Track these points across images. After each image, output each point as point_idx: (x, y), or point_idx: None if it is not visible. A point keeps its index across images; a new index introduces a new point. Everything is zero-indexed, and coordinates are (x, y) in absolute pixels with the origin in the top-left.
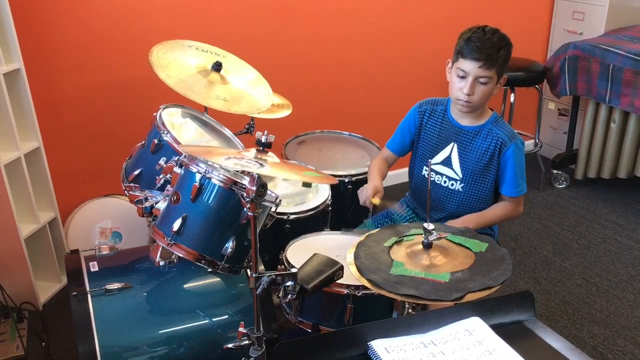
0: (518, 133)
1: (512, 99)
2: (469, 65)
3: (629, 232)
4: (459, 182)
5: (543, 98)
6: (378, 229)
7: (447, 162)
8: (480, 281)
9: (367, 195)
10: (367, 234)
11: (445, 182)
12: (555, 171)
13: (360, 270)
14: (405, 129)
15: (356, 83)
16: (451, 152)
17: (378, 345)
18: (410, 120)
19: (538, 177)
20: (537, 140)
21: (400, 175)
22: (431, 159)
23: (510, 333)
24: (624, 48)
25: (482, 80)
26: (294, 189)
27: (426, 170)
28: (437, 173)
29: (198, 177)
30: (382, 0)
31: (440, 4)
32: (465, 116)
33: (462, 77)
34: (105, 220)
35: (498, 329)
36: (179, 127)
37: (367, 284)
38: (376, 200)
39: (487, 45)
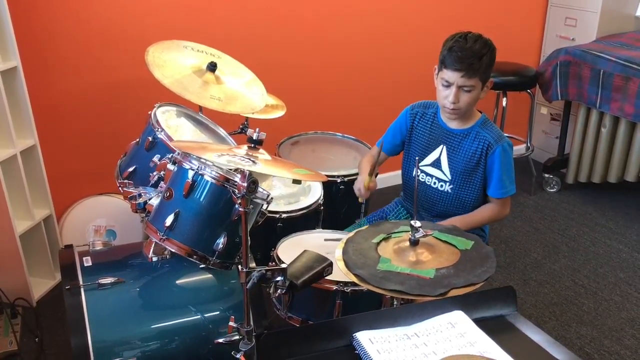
0: (510, 137)
1: (504, 103)
2: (451, 75)
3: (618, 235)
4: (447, 184)
5: (535, 103)
6: (367, 226)
7: (436, 163)
8: (465, 278)
9: (362, 180)
10: (356, 230)
11: (434, 183)
12: (546, 175)
13: (348, 266)
14: (396, 130)
15: (349, 85)
16: (440, 154)
17: (363, 336)
18: (402, 121)
19: (529, 181)
20: (529, 144)
21: (394, 177)
22: (421, 160)
23: (492, 326)
24: (614, 54)
25: (466, 88)
26: (287, 189)
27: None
28: (427, 174)
29: (191, 174)
30: (376, 3)
31: (433, 9)
32: (454, 120)
33: (447, 86)
34: (100, 219)
35: (480, 322)
36: (175, 128)
37: (354, 279)
38: (368, 181)
39: (468, 55)
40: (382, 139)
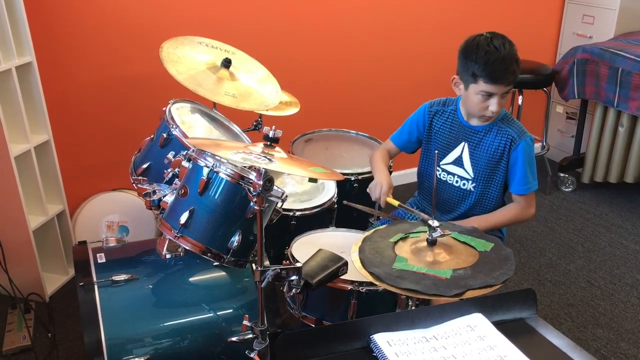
0: None
1: (520, 102)
2: (495, 88)
3: (635, 236)
4: (470, 182)
5: (551, 101)
6: (385, 225)
7: (458, 161)
8: (482, 279)
9: (383, 191)
10: (374, 229)
11: (457, 181)
12: (562, 174)
13: (364, 264)
14: (413, 126)
15: (363, 82)
16: (462, 151)
17: (380, 338)
18: (419, 118)
19: (545, 180)
20: (544, 143)
21: (409, 175)
22: (442, 159)
23: (511, 330)
24: (633, 52)
25: (506, 94)
26: (299, 187)
27: (438, 170)
28: (448, 173)
29: (206, 171)
30: (391, 0)
31: (449, 5)
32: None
33: (487, 97)
34: (113, 214)
35: (500, 325)
36: (189, 124)
37: (369, 277)
38: (394, 201)
39: (507, 65)
40: (396, 135)
